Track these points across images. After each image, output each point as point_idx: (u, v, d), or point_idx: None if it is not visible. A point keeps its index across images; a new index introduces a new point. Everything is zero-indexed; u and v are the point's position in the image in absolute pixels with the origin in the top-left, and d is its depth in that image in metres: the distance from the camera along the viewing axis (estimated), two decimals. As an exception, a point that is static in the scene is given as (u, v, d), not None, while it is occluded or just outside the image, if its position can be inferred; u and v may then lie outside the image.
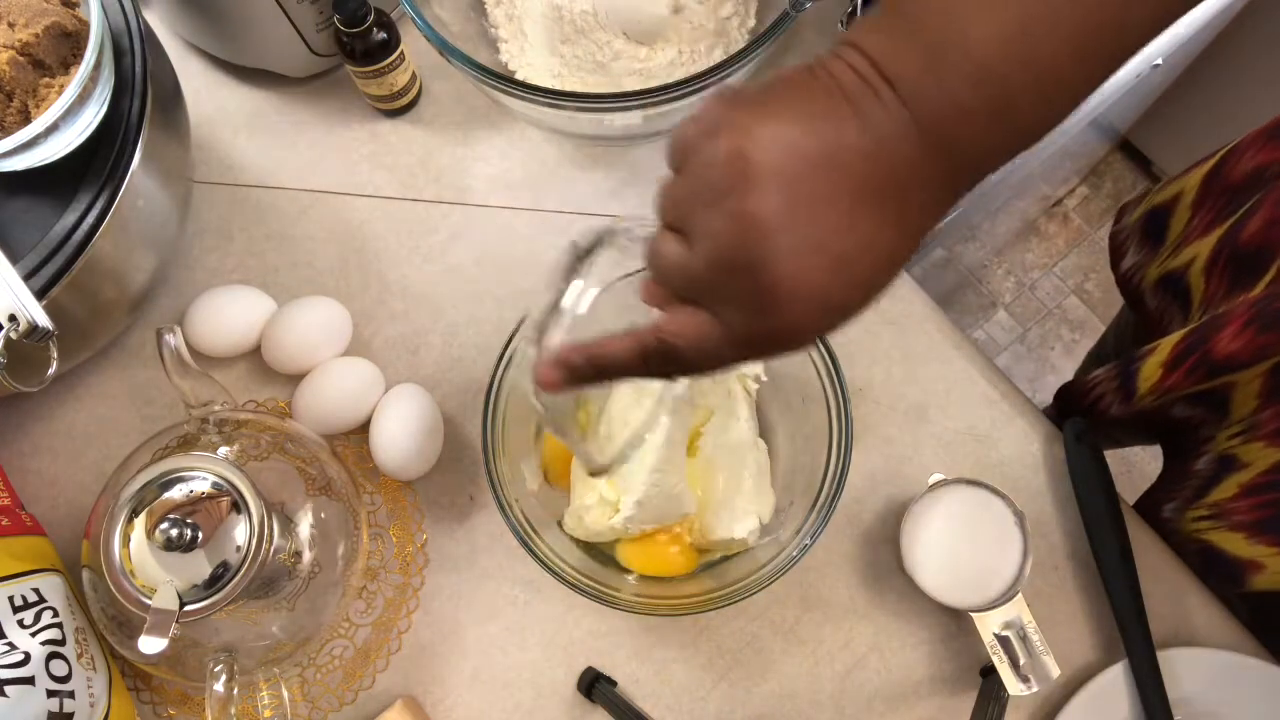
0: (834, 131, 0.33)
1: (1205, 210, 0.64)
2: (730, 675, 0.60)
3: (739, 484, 0.59)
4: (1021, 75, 0.32)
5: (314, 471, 0.55)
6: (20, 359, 0.47)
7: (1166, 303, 0.68)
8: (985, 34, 0.32)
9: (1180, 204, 0.67)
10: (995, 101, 0.32)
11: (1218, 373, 0.55)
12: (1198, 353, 0.56)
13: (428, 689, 0.60)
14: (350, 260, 0.68)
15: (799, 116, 0.33)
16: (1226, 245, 0.60)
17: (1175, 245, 0.67)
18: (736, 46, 0.68)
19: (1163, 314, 0.68)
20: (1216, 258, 0.61)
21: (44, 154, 0.50)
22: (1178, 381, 0.58)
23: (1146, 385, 0.60)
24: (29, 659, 0.49)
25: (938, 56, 0.32)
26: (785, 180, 0.32)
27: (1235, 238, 0.60)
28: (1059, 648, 0.59)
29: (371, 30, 0.62)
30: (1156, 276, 0.68)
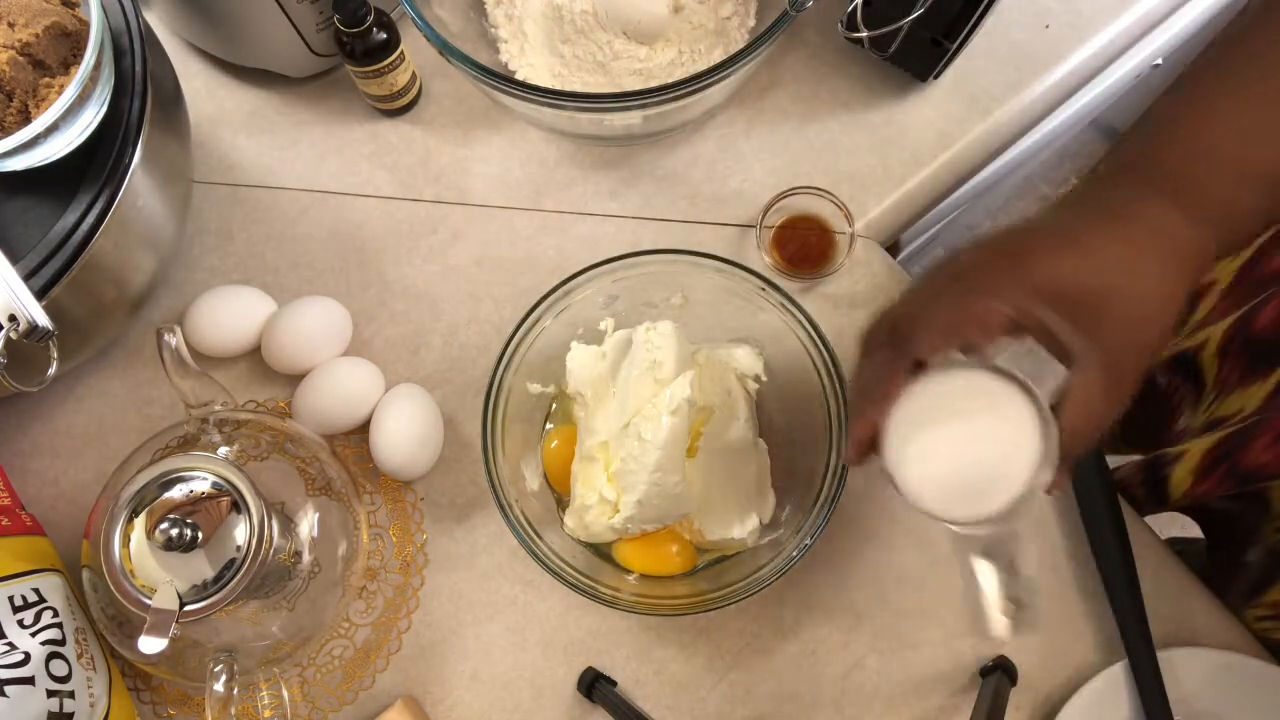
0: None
1: (1231, 298, 0.65)
2: (730, 675, 0.60)
3: (739, 484, 0.59)
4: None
5: (314, 471, 0.55)
6: (20, 359, 0.46)
7: (1178, 382, 0.68)
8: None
9: (1212, 291, 0.68)
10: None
11: (1251, 481, 0.55)
12: (1229, 462, 0.57)
13: (428, 689, 0.60)
14: (350, 260, 0.68)
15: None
16: (1240, 332, 0.61)
17: (1192, 328, 0.67)
18: (736, 46, 0.68)
19: (1174, 392, 0.69)
20: (1230, 343, 0.62)
21: (44, 154, 0.50)
22: (1211, 489, 0.58)
23: (1179, 491, 0.61)
24: (29, 659, 0.49)
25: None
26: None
27: (1249, 325, 0.60)
28: (1059, 647, 0.59)
29: (371, 30, 0.62)
30: (1168, 355, 0.68)
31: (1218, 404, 0.63)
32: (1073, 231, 0.41)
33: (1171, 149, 0.42)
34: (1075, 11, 0.72)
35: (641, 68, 0.67)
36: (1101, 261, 0.40)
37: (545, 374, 0.60)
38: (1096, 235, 0.40)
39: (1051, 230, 0.41)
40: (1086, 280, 0.39)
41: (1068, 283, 0.39)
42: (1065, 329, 0.40)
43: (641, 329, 0.59)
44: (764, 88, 0.71)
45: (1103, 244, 0.40)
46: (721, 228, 0.68)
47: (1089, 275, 0.39)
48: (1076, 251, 0.40)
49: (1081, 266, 0.39)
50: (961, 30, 0.62)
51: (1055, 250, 0.40)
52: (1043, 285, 0.40)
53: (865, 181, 0.68)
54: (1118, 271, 0.39)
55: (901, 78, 0.70)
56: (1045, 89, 0.71)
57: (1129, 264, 0.40)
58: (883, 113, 0.70)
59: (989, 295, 0.41)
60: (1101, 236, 0.40)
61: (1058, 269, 0.40)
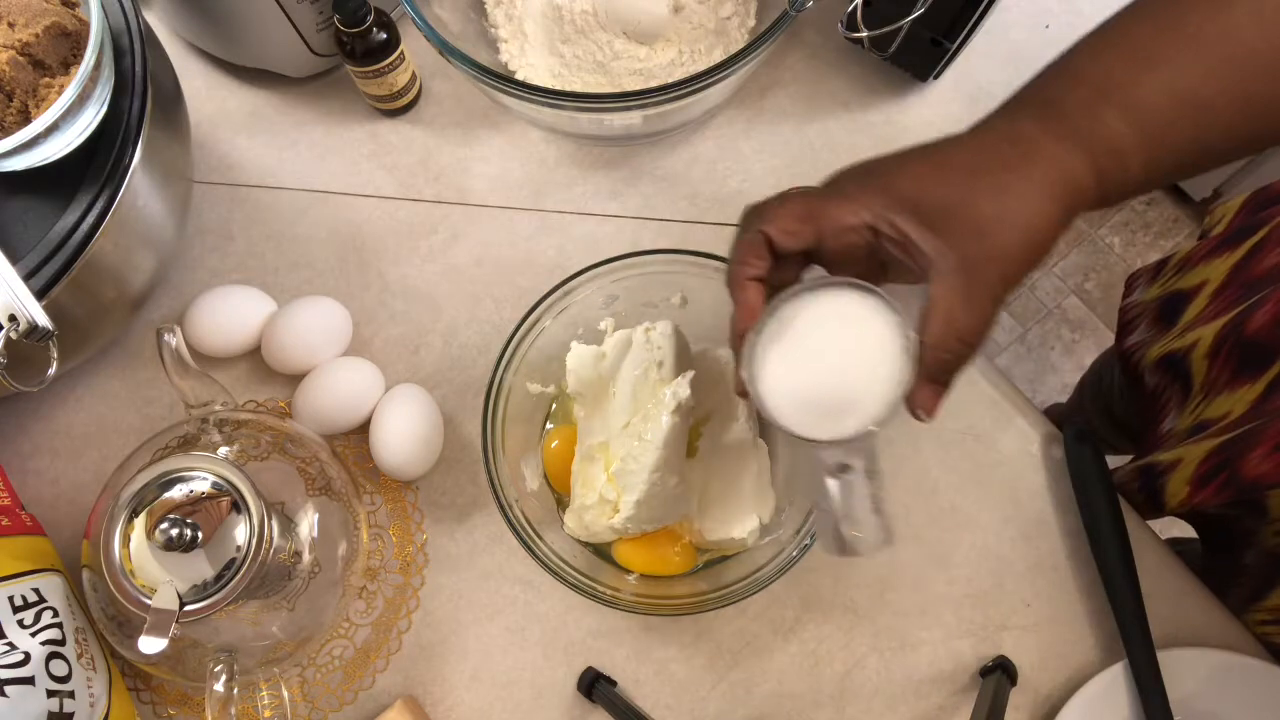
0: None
1: (1223, 299, 0.64)
2: (730, 675, 0.60)
3: (739, 484, 0.59)
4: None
5: (314, 471, 0.55)
6: (20, 359, 0.47)
7: (1166, 382, 0.68)
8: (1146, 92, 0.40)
9: (1203, 291, 0.67)
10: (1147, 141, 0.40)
11: (1251, 491, 0.55)
12: (1226, 472, 0.56)
13: (428, 689, 0.60)
14: (350, 260, 0.68)
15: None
16: (1231, 334, 0.61)
17: (1183, 329, 0.67)
18: (736, 46, 0.68)
19: (1161, 392, 0.69)
20: (1220, 345, 0.61)
21: (44, 154, 0.50)
22: (1208, 498, 0.58)
23: (1176, 500, 0.61)
24: (29, 659, 0.49)
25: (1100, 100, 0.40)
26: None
27: (1241, 327, 0.60)
28: (1059, 647, 0.59)
29: (371, 30, 0.62)
30: (1158, 355, 0.68)
31: (1205, 405, 0.63)
32: (939, 150, 0.42)
33: (1055, 77, 0.43)
34: (1075, 11, 0.72)
35: (641, 68, 0.67)
36: (957, 172, 0.40)
37: (545, 374, 0.60)
38: (958, 151, 0.41)
39: (921, 151, 0.42)
40: (940, 189, 0.40)
41: (924, 192, 0.40)
42: (919, 233, 0.40)
43: (641, 329, 0.59)
44: (764, 88, 0.71)
45: (962, 157, 0.41)
46: (721, 228, 0.68)
47: (943, 185, 0.40)
48: (936, 165, 0.41)
49: (939, 178, 0.40)
50: (961, 30, 0.62)
51: (918, 164, 0.41)
52: (900, 195, 0.40)
53: (865, 181, 0.68)
54: (972, 180, 0.40)
55: (901, 78, 0.70)
56: (1045, 89, 0.71)
57: (985, 174, 0.40)
58: (883, 113, 0.70)
59: (849, 199, 0.41)
60: (963, 152, 0.41)
61: (918, 181, 0.40)
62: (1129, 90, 0.40)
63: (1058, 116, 0.40)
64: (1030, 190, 0.39)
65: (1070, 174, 0.40)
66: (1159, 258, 0.76)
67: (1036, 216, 0.39)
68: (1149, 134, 0.40)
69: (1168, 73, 0.39)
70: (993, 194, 0.39)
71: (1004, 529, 0.61)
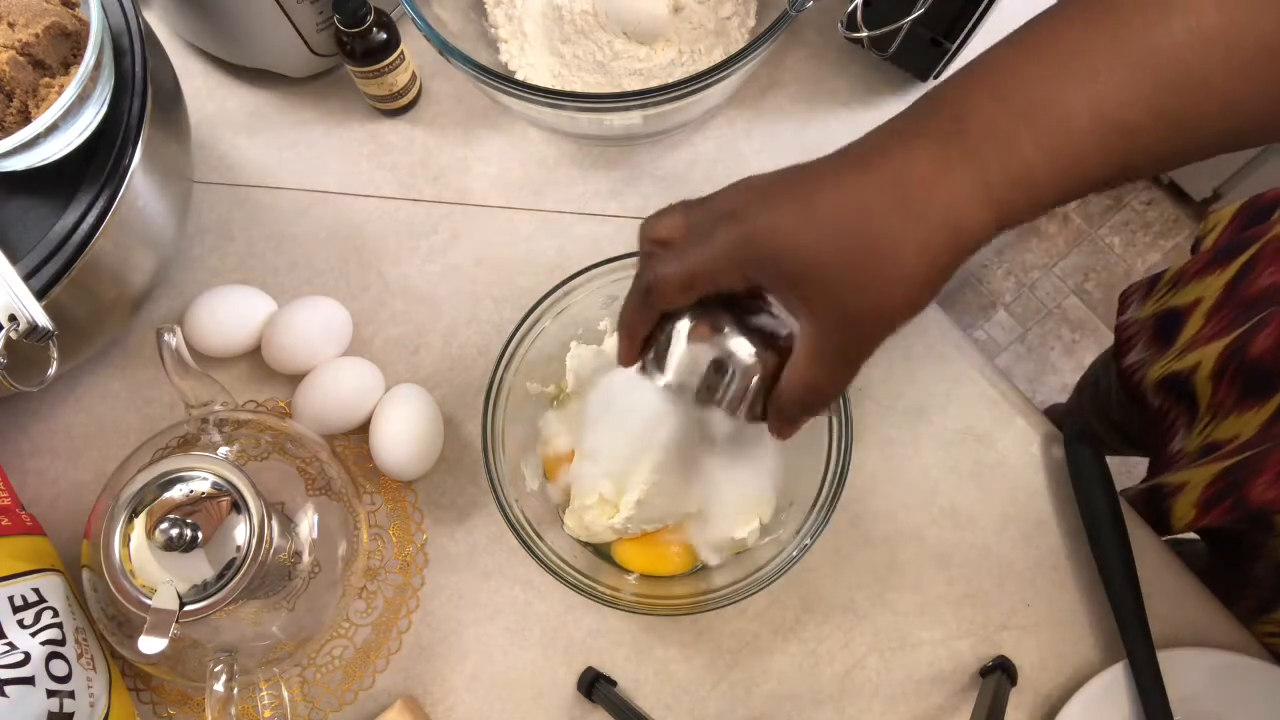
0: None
1: (1219, 318, 0.64)
2: (730, 675, 0.60)
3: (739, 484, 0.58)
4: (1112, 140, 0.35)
5: (314, 471, 0.55)
6: (20, 359, 0.46)
7: (1171, 403, 0.68)
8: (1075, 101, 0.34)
9: (1198, 309, 0.67)
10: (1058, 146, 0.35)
11: (1255, 516, 0.55)
12: (1232, 496, 0.56)
13: (428, 689, 0.60)
14: (350, 260, 0.68)
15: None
16: (1234, 357, 0.61)
17: (1182, 349, 0.67)
18: (736, 46, 0.68)
19: (1167, 413, 0.69)
20: (1224, 367, 0.61)
21: (44, 154, 0.50)
22: (1214, 521, 0.58)
23: (1182, 523, 0.61)
24: (29, 659, 0.49)
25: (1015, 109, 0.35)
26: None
27: (1244, 350, 0.60)
28: (1059, 647, 0.59)
29: (371, 30, 0.62)
30: (1159, 376, 0.68)
31: (1213, 427, 0.63)
32: (815, 182, 0.37)
33: (969, 85, 0.37)
34: (1075, 11, 0.72)
35: (641, 68, 0.67)
36: (827, 225, 0.35)
37: (545, 374, 0.60)
38: (835, 190, 0.36)
39: (796, 181, 0.38)
40: (804, 248, 0.36)
41: (784, 250, 0.36)
42: (777, 294, 0.38)
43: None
44: (764, 88, 0.71)
45: (837, 201, 0.36)
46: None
47: (808, 241, 0.36)
48: (805, 209, 0.36)
49: (805, 229, 0.36)
50: (961, 30, 0.62)
51: (787, 205, 0.37)
52: (762, 250, 0.37)
53: (865, 181, 0.68)
54: (841, 239, 0.35)
55: (901, 78, 0.70)
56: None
57: (859, 233, 0.35)
58: (883, 113, 0.69)
59: (716, 254, 0.38)
60: (840, 192, 0.36)
61: (779, 235, 0.36)
62: (1050, 109, 0.34)
63: (961, 144, 0.35)
64: (909, 251, 0.35)
65: (964, 222, 0.35)
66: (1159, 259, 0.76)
67: (912, 283, 0.35)
68: (1065, 161, 0.35)
69: (1095, 89, 0.34)
70: (864, 258, 0.35)
71: (1004, 529, 0.62)
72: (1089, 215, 1.60)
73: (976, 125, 0.35)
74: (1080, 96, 0.34)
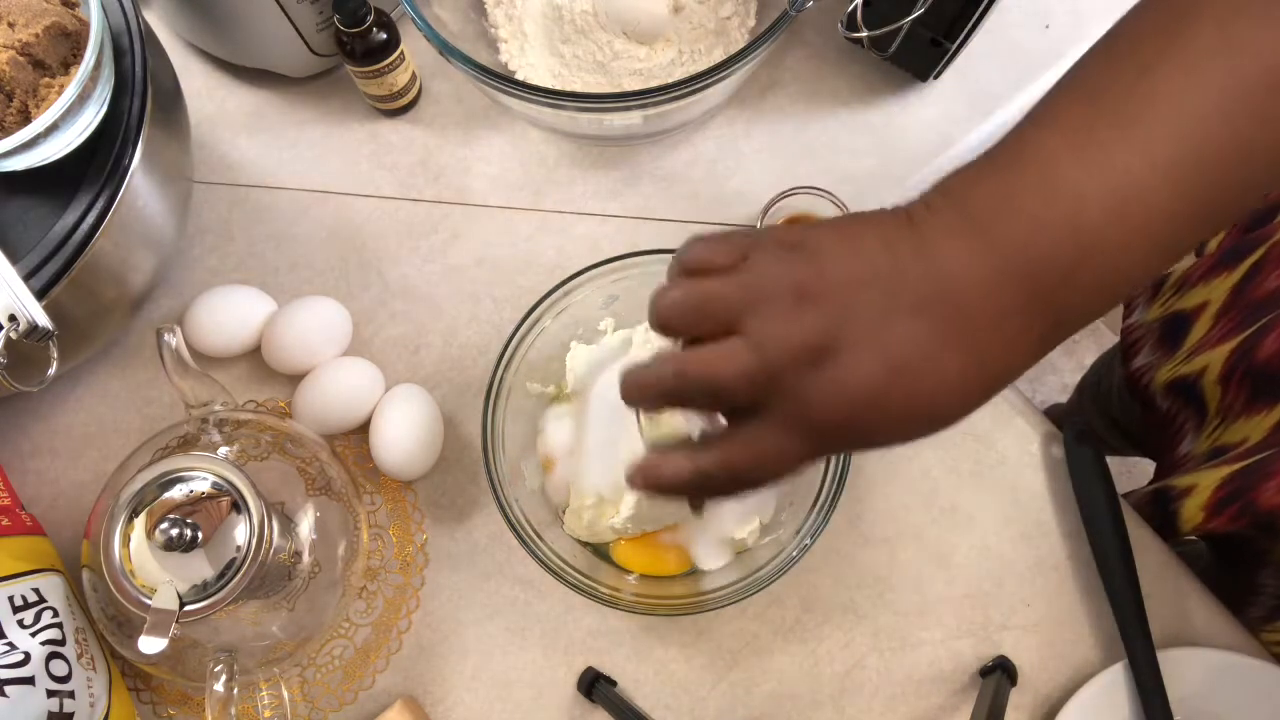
0: (886, 250, 0.34)
1: (1227, 321, 0.64)
2: (730, 675, 0.60)
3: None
4: (1120, 235, 0.32)
5: (314, 471, 0.55)
6: (20, 359, 0.47)
7: (1179, 406, 0.68)
8: (1086, 191, 0.32)
9: (1205, 312, 0.67)
10: (1088, 255, 0.32)
11: (1265, 520, 0.55)
12: (1242, 500, 0.56)
13: (428, 689, 0.60)
14: (350, 260, 0.68)
15: (862, 233, 0.35)
16: (1242, 360, 0.61)
17: (1189, 352, 0.67)
18: (736, 46, 0.68)
19: (1175, 416, 0.68)
20: (1232, 370, 0.61)
21: (44, 154, 0.50)
22: (1222, 524, 0.58)
23: (1190, 525, 0.60)
24: (29, 659, 0.49)
25: (1034, 211, 0.32)
26: (845, 285, 0.33)
27: (1252, 353, 0.60)
28: (1059, 647, 0.59)
29: (371, 30, 0.62)
30: (1167, 379, 0.68)
31: (1221, 430, 0.63)
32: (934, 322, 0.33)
33: (989, 177, 0.34)
34: (1075, 11, 0.72)
35: (641, 68, 0.67)
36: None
37: (545, 374, 0.60)
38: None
39: (910, 299, 0.33)
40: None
41: (870, 417, 0.33)
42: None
43: (641, 329, 0.59)
44: (764, 88, 0.71)
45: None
46: (722, 228, 0.68)
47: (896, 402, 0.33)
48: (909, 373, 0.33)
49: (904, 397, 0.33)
50: (961, 30, 0.62)
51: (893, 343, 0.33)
52: (851, 403, 0.33)
53: (865, 181, 0.68)
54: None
55: (901, 78, 0.70)
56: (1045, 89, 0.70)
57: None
58: (883, 113, 0.70)
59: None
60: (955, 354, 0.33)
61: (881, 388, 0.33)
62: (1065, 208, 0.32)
63: (984, 236, 0.33)
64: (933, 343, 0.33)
65: (1001, 324, 0.33)
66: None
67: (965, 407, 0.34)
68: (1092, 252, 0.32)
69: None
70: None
71: (1004, 529, 0.62)
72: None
73: (985, 224, 0.33)
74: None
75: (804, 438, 0.34)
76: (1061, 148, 0.33)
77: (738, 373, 0.34)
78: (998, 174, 0.34)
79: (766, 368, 0.33)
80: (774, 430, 0.34)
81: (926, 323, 0.33)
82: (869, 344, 0.33)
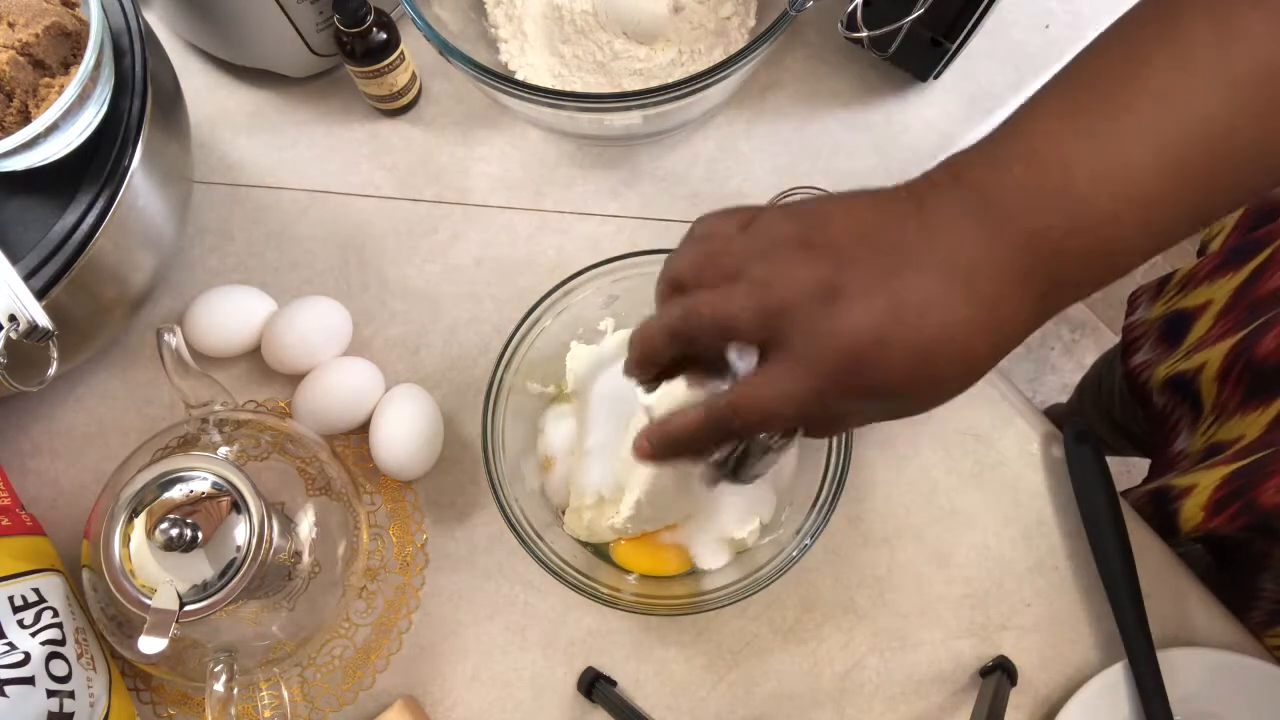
0: (889, 215, 0.36)
1: (1228, 320, 0.64)
2: (730, 675, 0.60)
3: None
4: (1109, 205, 0.33)
5: (314, 471, 0.55)
6: (20, 359, 0.46)
7: (1175, 403, 0.68)
8: (1073, 162, 0.33)
9: (1208, 311, 0.67)
10: (1077, 223, 0.33)
11: (1266, 519, 0.55)
12: (1242, 499, 0.56)
13: (428, 689, 0.60)
14: (350, 260, 0.68)
15: (864, 201, 0.37)
16: (1240, 357, 0.60)
17: (1189, 349, 0.67)
18: (736, 46, 0.68)
19: (1171, 413, 0.68)
20: (1230, 367, 0.61)
21: (44, 154, 0.50)
22: (1223, 524, 0.57)
23: (1190, 525, 0.60)
24: (29, 659, 0.49)
25: (1035, 180, 0.34)
26: (849, 240, 0.36)
27: (1250, 350, 0.60)
28: (1059, 647, 0.59)
29: (371, 30, 0.62)
30: (1166, 376, 0.68)
31: (1216, 427, 0.63)
32: (902, 256, 0.35)
33: (986, 153, 0.36)
34: (1075, 12, 0.72)
35: (641, 68, 0.67)
36: (916, 331, 0.34)
37: (545, 374, 0.60)
38: (922, 274, 0.34)
39: (884, 243, 0.35)
40: (893, 358, 0.34)
41: (878, 360, 0.34)
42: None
43: (641, 329, 0.58)
44: (764, 88, 0.71)
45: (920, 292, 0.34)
46: (721, 228, 0.68)
47: (896, 353, 0.34)
48: (896, 308, 0.34)
49: (896, 339, 0.34)
50: (961, 30, 0.62)
51: (879, 287, 0.34)
52: (859, 354, 0.34)
53: (865, 181, 0.67)
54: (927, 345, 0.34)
55: (901, 78, 0.70)
56: (1045, 89, 0.71)
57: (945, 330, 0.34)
58: (883, 113, 0.70)
59: (774, 285, 0.35)
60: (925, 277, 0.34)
61: (877, 328, 0.34)
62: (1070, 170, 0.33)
63: (987, 201, 0.34)
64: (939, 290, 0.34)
65: (1002, 277, 0.34)
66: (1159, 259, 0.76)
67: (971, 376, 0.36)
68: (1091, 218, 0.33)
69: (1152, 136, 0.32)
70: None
71: (1004, 529, 0.62)
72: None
73: (989, 191, 0.34)
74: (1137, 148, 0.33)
75: (812, 376, 0.35)
76: (1054, 128, 0.34)
77: (745, 305, 0.35)
78: (993, 148, 0.36)
79: (775, 299, 0.35)
80: (782, 368, 0.35)
81: (930, 276, 0.34)
82: (875, 288, 0.34)
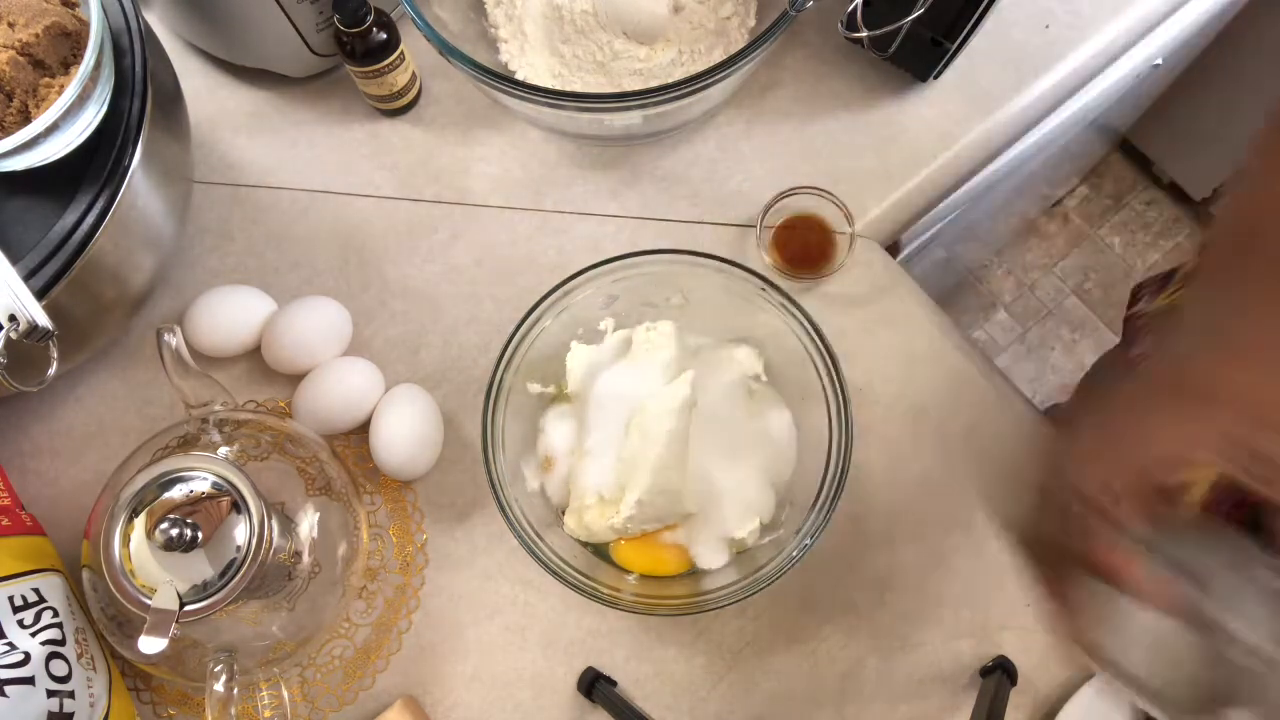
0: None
1: None
2: (730, 675, 0.60)
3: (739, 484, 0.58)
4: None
5: (314, 471, 0.55)
6: (20, 359, 0.46)
7: None
8: None
9: None
10: None
11: (1261, 515, 0.55)
12: (1239, 493, 0.56)
13: (428, 689, 0.60)
14: (350, 260, 0.68)
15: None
16: None
17: None
18: (736, 46, 0.68)
19: None
20: None
21: (44, 154, 0.50)
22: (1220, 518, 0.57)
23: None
24: (29, 659, 0.49)
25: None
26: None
27: None
28: (1059, 648, 0.59)
29: (371, 30, 0.62)
30: None
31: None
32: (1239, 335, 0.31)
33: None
34: (1075, 12, 0.72)
35: (641, 68, 0.67)
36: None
37: (545, 374, 0.60)
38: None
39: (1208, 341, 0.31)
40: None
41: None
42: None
43: (641, 329, 0.59)
44: (764, 88, 0.71)
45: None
46: (721, 228, 0.68)
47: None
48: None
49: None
50: (961, 30, 0.62)
51: (1230, 361, 0.31)
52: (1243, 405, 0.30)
53: (865, 181, 0.68)
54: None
55: (901, 78, 0.70)
56: (1045, 89, 0.71)
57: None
58: (883, 113, 0.70)
59: (1166, 434, 0.31)
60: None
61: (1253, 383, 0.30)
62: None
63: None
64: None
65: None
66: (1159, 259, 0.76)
67: None
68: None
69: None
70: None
71: (1004, 529, 0.61)
72: (1089, 215, 1.60)
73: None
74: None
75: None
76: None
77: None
78: None
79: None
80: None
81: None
82: None
